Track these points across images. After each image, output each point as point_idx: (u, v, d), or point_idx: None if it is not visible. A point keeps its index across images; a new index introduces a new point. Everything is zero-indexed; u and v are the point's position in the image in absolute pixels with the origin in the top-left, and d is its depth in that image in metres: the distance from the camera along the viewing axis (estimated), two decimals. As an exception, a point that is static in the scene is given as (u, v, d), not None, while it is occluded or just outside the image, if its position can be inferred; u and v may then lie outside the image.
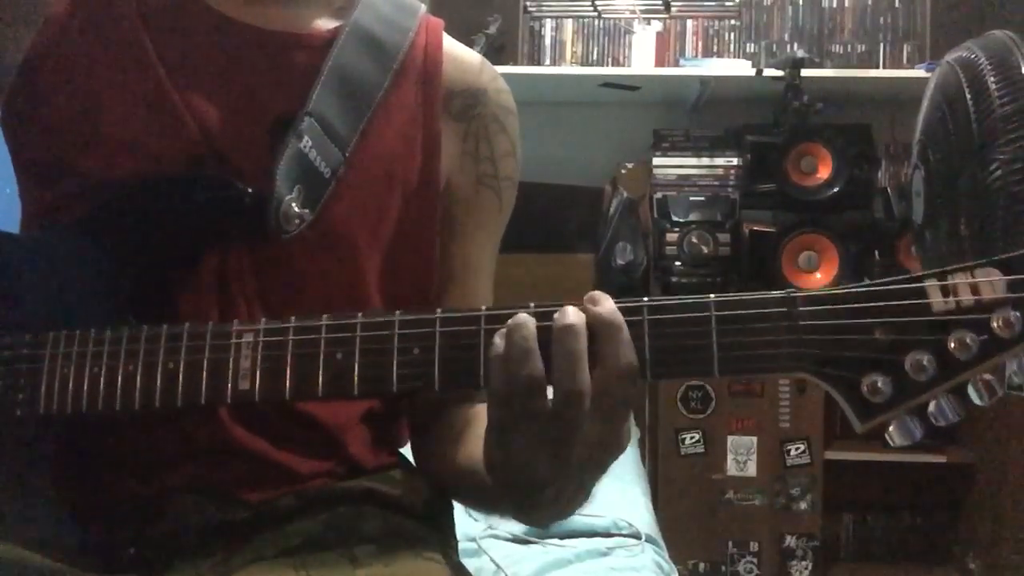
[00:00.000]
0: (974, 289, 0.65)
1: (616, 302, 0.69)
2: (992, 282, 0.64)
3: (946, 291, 0.65)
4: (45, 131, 0.90)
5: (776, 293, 0.68)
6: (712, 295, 0.69)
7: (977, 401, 0.65)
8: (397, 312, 0.74)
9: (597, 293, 0.69)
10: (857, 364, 0.66)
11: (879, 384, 0.66)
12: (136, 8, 0.91)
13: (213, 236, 0.87)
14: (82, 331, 0.81)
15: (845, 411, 0.67)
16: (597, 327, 0.68)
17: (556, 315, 0.68)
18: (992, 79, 1.96)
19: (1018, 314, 0.63)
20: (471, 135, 0.98)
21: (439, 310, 0.73)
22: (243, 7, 0.91)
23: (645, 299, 0.70)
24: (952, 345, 0.65)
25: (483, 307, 0.73)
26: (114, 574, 0.84)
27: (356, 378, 0.74)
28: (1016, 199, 1.91)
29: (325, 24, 0.94)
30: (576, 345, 0.67)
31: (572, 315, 0.68)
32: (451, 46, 0.99)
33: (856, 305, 0.66)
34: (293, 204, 0.85)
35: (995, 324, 0.64)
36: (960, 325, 0.65)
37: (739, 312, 0.68)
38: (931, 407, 0.66)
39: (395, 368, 0.73)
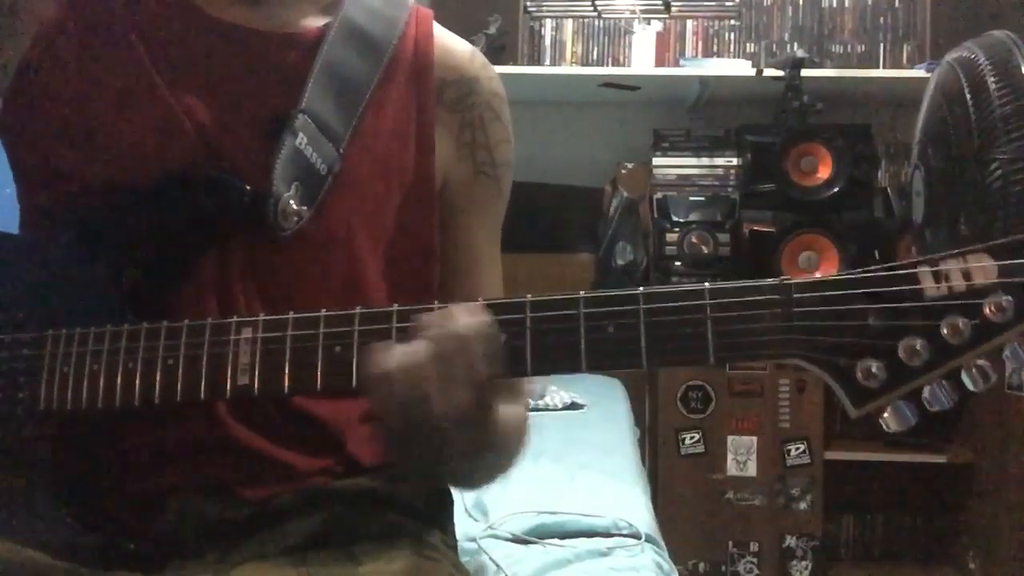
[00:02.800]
0: (966, 275, 0.65)
1: (612, 292, 0.71)
2: (984, 267, 0.65)
3: (938, 277, 0.66)
4: (41, 137, 0.91)
5: (770, 280, 0.69)
6: (707, 283, 0.69)
7: (971, 387, 0.66)
8: (395, 304, 0.74)
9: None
10: (851, 350, 0.67)
11: (873, 369, 0.66)
12: (129, 13, 0.91)
13: (212, 235, 0.87)
14: (82, 330, 0.81)
15: (839, 397, 0.68)
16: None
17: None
18: (992, 79, 1.97)
19: (1009, 298, 0.64)
20: (467, 126, 0.98)
21: (436, 302, 0.74)
22: (234, 9, 0.92)
23: (640, 288, 0.71)
24: (945, 330, 0.65)
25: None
26: (114, 571, 0.84)
27: (355, 370, 0.74)
28: (1016, 199, 1.91)
29: (315, 22, 0.94)
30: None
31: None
32: (441, 36, 0.99)
33: (849, 292, 0.67)
34: (291, 201, 0.86)
35: (987, 309, 0.64)
36: (953, 310, 0.65)
37: (733, 300, 0.69)
38: (925, 392, 0.67)
39: None
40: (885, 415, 0.68)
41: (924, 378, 0.66)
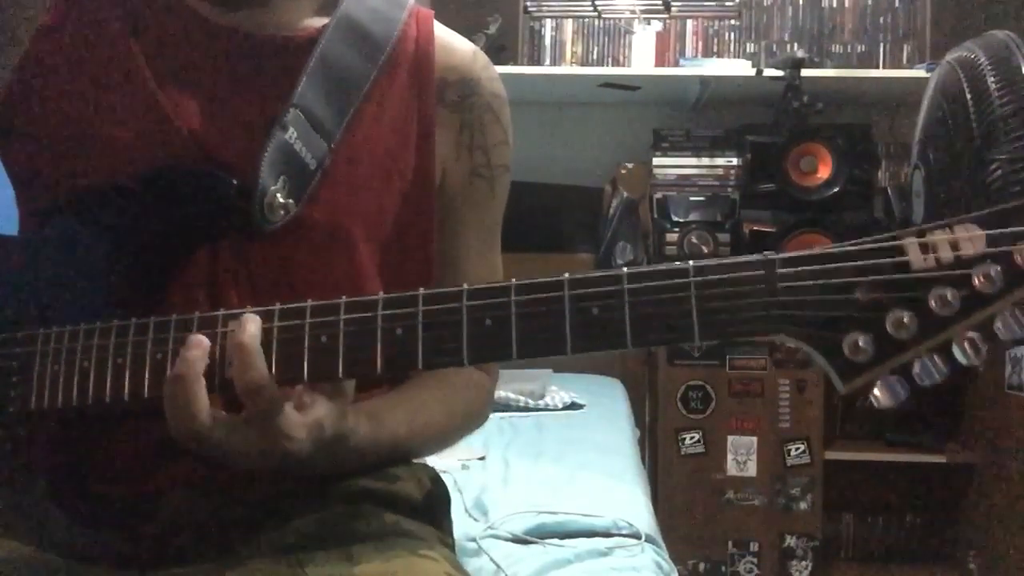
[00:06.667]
0: (953, 245, 0.64)
1: (594, 272, 0.70)
2: (971, 237, 0.63)
3: (925, 248, 0.64)
4: (37, 139, 0.91)
5: (755, 256, 0.68)
6: (691, 261, 0.68)
7: (962, 360, 0.64)
8: (380, 293, 0.74)
9: (245, 316, 0.76)
10: (838, 324, 0.65)
11: (860, 343, 0.65)
12: (124, 16, 0.91)
13: (201, 230, 0.87)
14: (71, 327, 0.81)
15: (827, 372, 0.66)
16: (229, 349, 0.74)
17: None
18: (992, 79, 1.97)
19: (998, 268, 0.62)
20: (466, 126, 0.98)
21: (422, 289, 0.74)
22: (231, 12, 0.92)
23: (624, 268, 0.70)
24: (933, 302, 0.63)
25: (464, 284, 0.73)
26: (109, 569, 0.84)
27: (341, 360, 0.74)
28: (1016, 199, 1.90)
29: (312, 23, 0.94)
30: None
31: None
32: (443, 35, 0.99)
33: (835, 265, 0.66)
34: (278, 195, 0.86)
35: (976, 280, 0.63)
36: (940, 282, 0.63)
37: (718, 276, 0.67)
38: (916, 367, 0.65)
39: (379, 349, 0.74)
40: (875, 391, 0.66)
41: (913, 351, 0.65)
